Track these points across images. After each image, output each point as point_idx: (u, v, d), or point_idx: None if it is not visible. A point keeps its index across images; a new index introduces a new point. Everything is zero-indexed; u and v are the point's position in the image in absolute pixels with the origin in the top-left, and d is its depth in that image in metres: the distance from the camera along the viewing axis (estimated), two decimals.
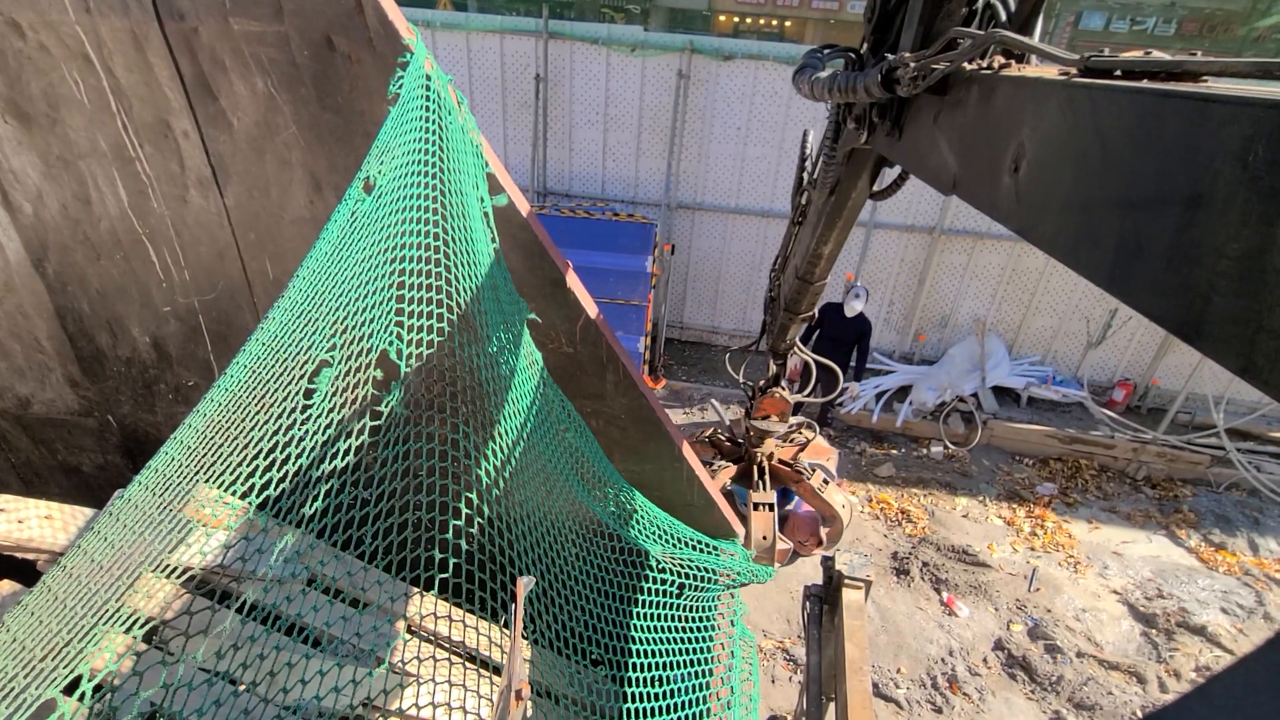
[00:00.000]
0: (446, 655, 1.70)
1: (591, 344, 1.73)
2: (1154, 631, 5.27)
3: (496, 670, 1.69)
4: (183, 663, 1.35)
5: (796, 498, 6.16)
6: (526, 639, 1.16)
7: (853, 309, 6.21)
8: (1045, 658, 4.99)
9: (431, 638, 1.72)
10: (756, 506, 2.43)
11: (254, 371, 0.92)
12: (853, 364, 6.57)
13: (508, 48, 7.56)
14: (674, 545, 1.71)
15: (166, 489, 1.08)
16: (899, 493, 6.77)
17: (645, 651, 1.38)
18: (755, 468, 3.48)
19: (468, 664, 1.71)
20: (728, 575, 1.79)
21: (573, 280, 1.72)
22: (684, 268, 8.44)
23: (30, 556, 1.61)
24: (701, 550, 1.77)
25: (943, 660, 5.01)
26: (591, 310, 1.75)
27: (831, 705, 2.72)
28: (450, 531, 1.14)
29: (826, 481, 3.79)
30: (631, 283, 7.42)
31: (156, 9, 1.65)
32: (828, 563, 3.04)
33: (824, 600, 3.17)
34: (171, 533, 1.18)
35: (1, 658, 1.11)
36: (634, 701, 1.28)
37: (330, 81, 1.61)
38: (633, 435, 1.85)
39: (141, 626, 0.95)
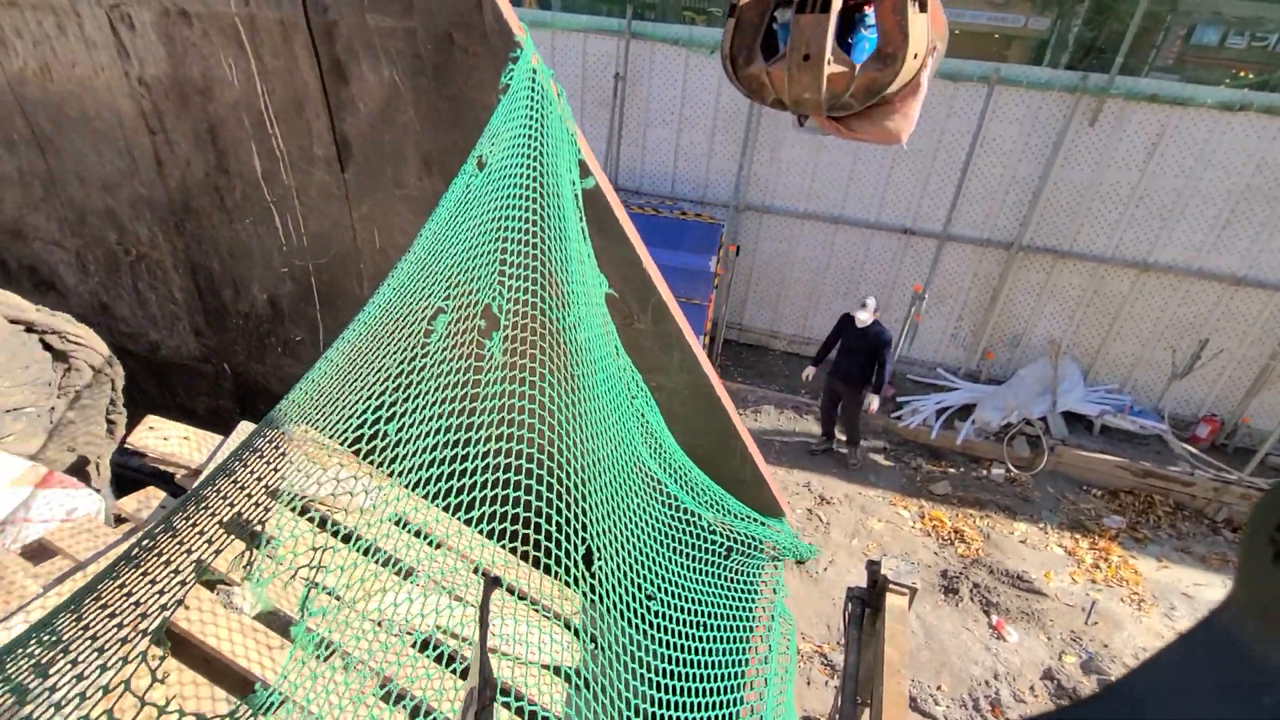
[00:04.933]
0: (513, 599, 1.87)
1: (660, 321, 1.87)
2: None
3: (556, 616, 1.85)
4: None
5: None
6: (589, 583, 1.30)
7: (860, 320, 6.04)
8: None
9: (498, 581, 1.90)
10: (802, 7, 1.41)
11: (386, 311, 1.10)
12: (874, 378, 6.25)
13: (590, 46, 7.80)
14: (724, 514, 1.82)
15: (297, 422, 1.28)
16: (954, 512, 6.62)
17: (692, 600, 1.50)
18: None
19: (530, 607, 1.88)
20: (773, 548, 1.88)
21: (647, 262, 1.86)
22: (748, 269, 8.47)
23: (171, 470, 1.88)
24: (749, 522, 1.88)
25: (986, 683, 4.91)
26: (663, 291, 1.88)
27: (867, 711, 2.74)
28: (533, 478, 1.30)
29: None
30: (694, 281, 7.53)
31: (305, 3, 1.89)
32: (873, 566, 3.06)
33: (866, 603, 3.19)
34: (294, 463, 1.38)
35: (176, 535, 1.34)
36: (679, 652, 1.40)
37: (447, 72, 1.81)
38: (692, 410, 1.98)
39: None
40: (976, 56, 6.85)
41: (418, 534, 1.92)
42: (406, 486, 1.11)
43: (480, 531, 1.21)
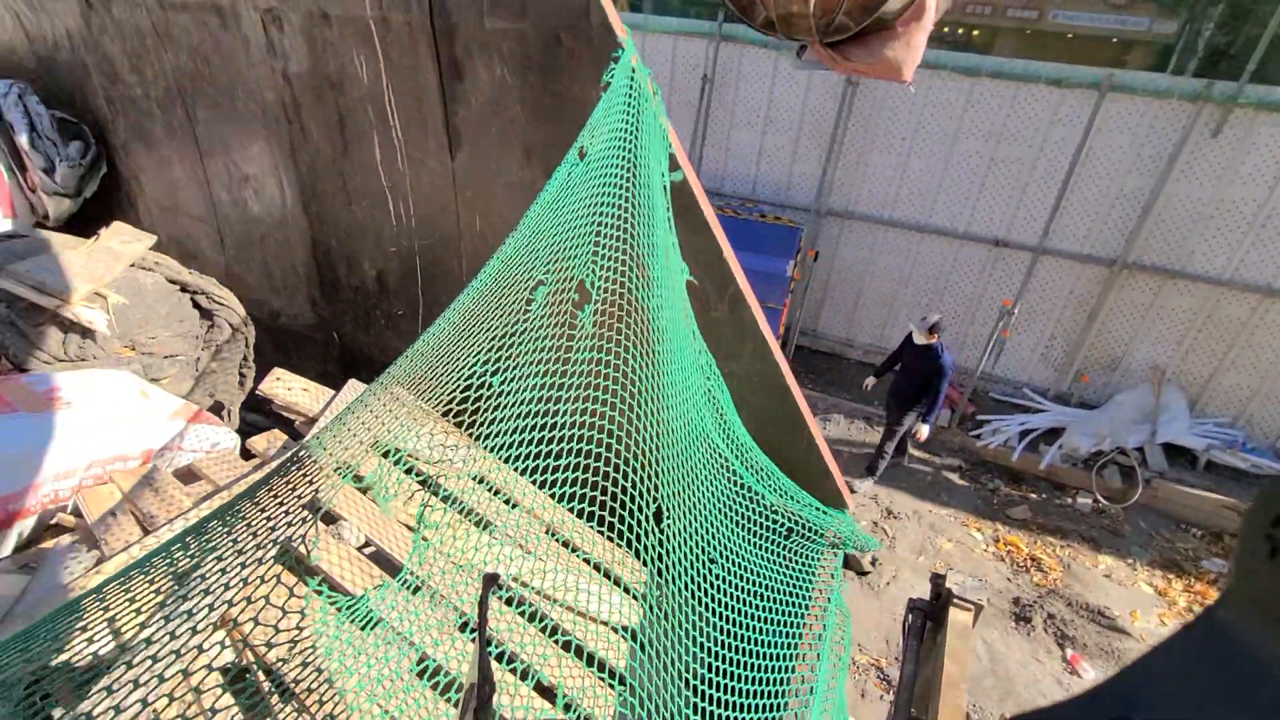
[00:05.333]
0: (578, 559, 2.01)
1: (736, 310, 1.95)
2: None
3: (617, 581, 1.97)
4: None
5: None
6: (657, 538, 1.40)
7: (919, 338, 5.65)
8: None
9: (566, 543, 2.05)
10: None
11: (496, 280, 1.25)
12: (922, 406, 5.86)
13: (680, 49, 7.92)
14: (785, 498, 1.88)
15: (402, 384, 1.46)
16: (1031, 538, 6.31)
17: (750, 570, 1.57)
18: None
19: (593, 571, 2.01)
20: (834, 536, 1.92)
21: (728, 253, 1.95)
22: (825, 275, 8.36)
23: (292, 417, 2.14)
24: (810, 509, 1.92)
25: None
26: (741, 281, 1.97)
27: None
28: (612, 437, 1.42)
29: None
30: (770, 285, 7.51)
31: (431, 6, 2.10)
32: (938, 579, 3.00)
33: (928, 616, 3.12)
34: (397, 420, 1.57)
35: (302, 470, 1.55)
36: (736, 615, 1.48)
37: (553, 70, 1.97)
38: (762, 398, 2.05)
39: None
40: (1088, 62, 6.49)
41: (495, 492, 2.09)
42: (501, 436, 1.25)
43: (562, 485, 1.34)
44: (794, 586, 1.71)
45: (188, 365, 2.26)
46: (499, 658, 1.70)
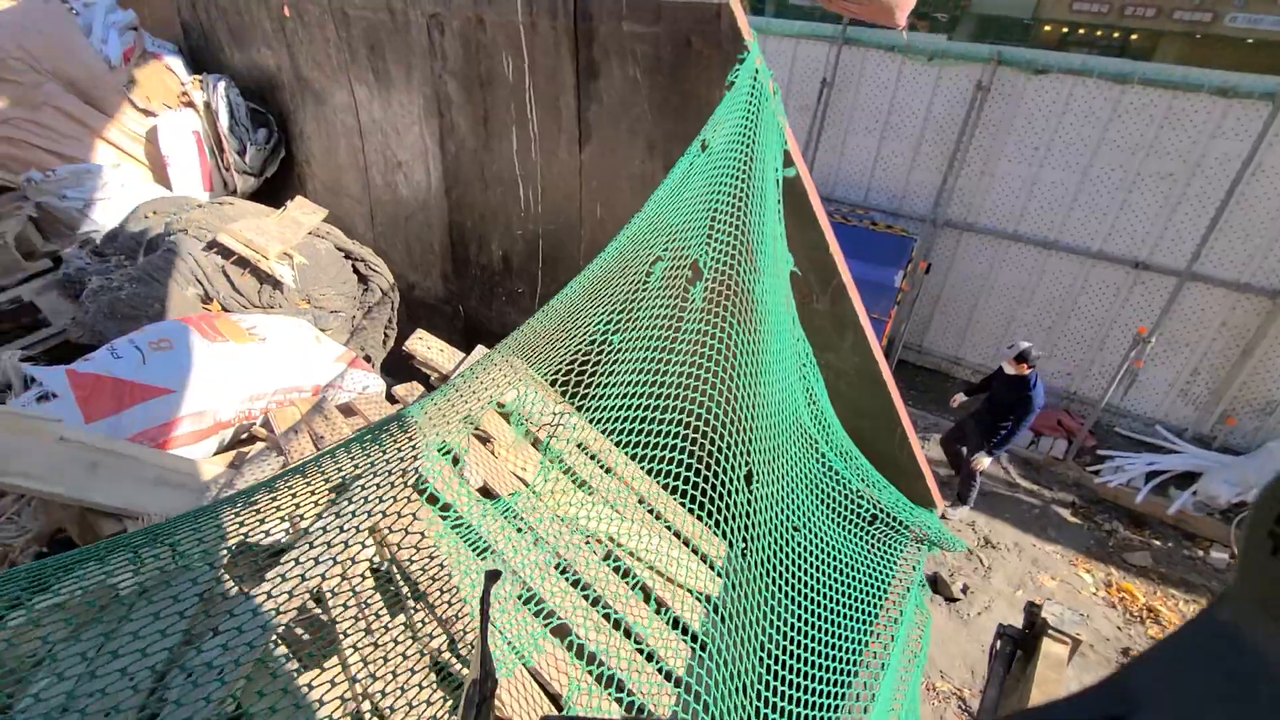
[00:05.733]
0: (664, 528, 2.17)
1: (839, 303, 2.02)
2: None
3: (696, 550, 2.11)
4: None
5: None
6: (746, 499, 1.52)
7: (1008, 368, 5.17)
8: None
9: (653, 511, 2.20)
10: None
11: (621, 253, 1.42)
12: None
13: (800, 52, 7.89)
14: (874, 487, 1.92)
15: (518, 352, 1.67)
16: (1150, 588, 5.78)
17: (831, 547, 1.65)
18: None
19: (677, 540, 2.16)
20: (919, 532, 1.93)
21: (834, 248, 2.03)
22: (937, 289, 8.02)
23: (428, 372, 2.45)
24: (897, 503, 1.95)
25: None
26: (844, 275, 2.04)
27: None
28: (712, 401, 1.55)
29: None
30: (876, 295, 7.32)
31: (576, 13, 2.33)
32: (1033, 607, 2.87)
33: (1018, 644, 2.99)
34: (510, 382, 1.79)
35: (431, 417, 1.81)
36: (816, 582, 1.57)
37: (681, 70, 2.13)
38: (858, 391, 2.10)
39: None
40: (1266, 70, 5.84)
41: (593, 457, 2.28)
42: (612, 388, 1.42)
43: (663, 437, 1.49)
44: (873, 569, 1.76)
45: (346, 321, 2.63)
46: (593, 602, 1.88)
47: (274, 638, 1.36)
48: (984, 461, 5.56)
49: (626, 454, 1.89)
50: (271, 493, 1.62)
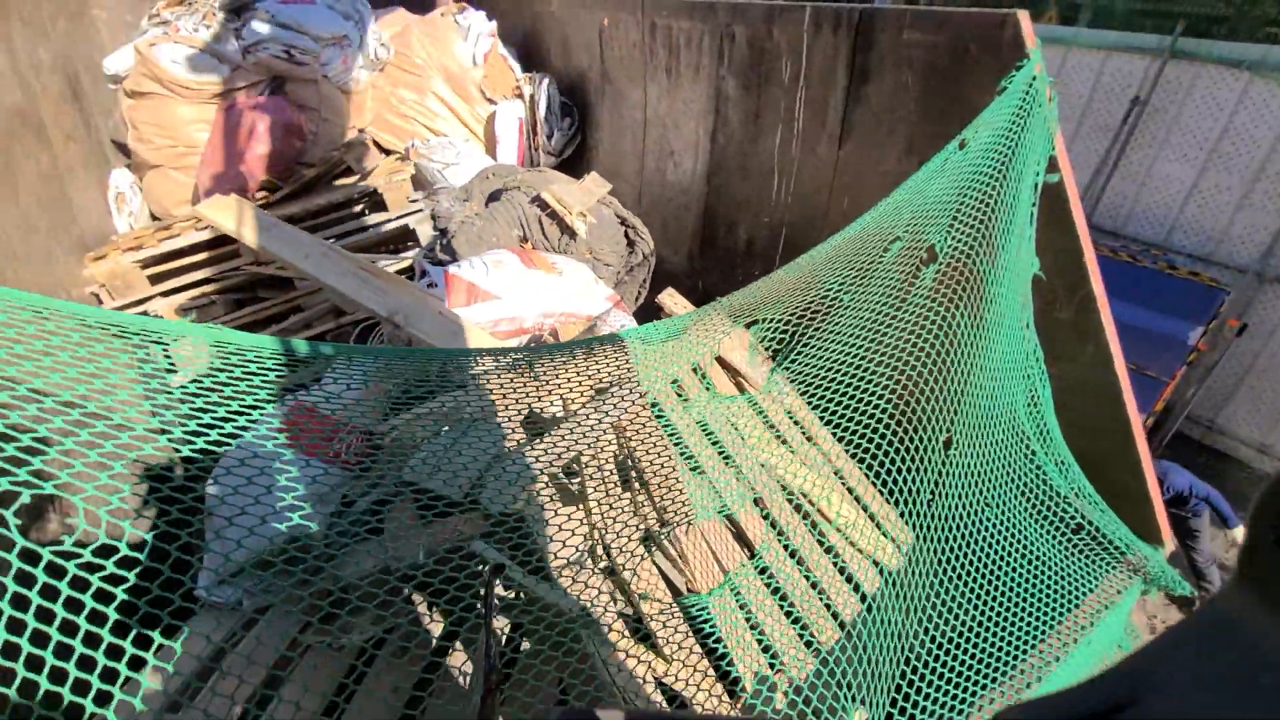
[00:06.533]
0: (852, 497, 2.34)
1: (1085, 313, 1.99)
2: None
3: (878, 524, 2.24)
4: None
5: None
6: (942, 461, 1.63)
7: None
8: None
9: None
10: None
11: (864, 229, 1.66)
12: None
13: (1108, 66, 7.00)
14: (1090, 504, 1.85)
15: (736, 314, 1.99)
16: None
17: (1022, 539, 1.68)
18: None
19: (861, 509, 2.31)
20: (1136, 560, 1.80)
21: (1088, 257, 2.00)
22: (1250, 357, 6.59)
23: None
24: (1116, 526, 1.85)
25: None
26: (1096, 286, 2.00)
27: None
28: (925, 369, 1.71)
29: None
30: (1159, 350, 6.27)
31: (857, 27, 2.56)
32: None
33: None
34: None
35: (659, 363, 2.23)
36: (998, 563, 1.63)
37: (954, 75, 2.25)
38: (1091, 408, 2.04)
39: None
40: None
41: (796, 423, 2.53)
42: (832, 343, 1.67)
43: (871, 389, 1.69)
44: (1065, 573, 1.73)
45: (613, 274, 3.21)
46: (793, 555, 2.14)
47: (545, 478, 1.87)
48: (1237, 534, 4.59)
49: (833, 398, 2.08)
50: (557, 378, 2.17)
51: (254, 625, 1.93)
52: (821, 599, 1.92)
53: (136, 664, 0.94)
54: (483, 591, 1.50)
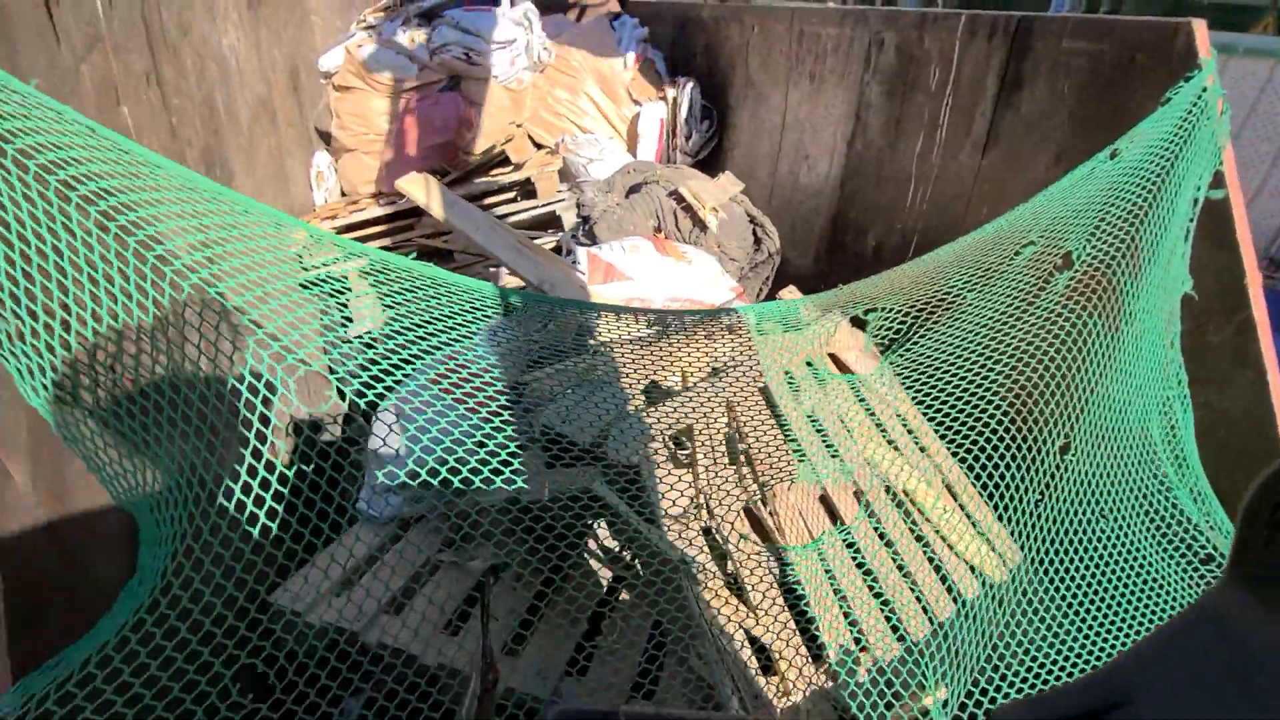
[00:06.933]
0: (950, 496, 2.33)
1: (1241, 338, 1.87)
2: None
3: (975, 523, 2.22)
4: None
5: None
6: (1053, 465, 1.62)
7: None
8: None
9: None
10: None
11: (998, 230, 1.69)
12: None
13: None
14: (1228, 541, 1.74)
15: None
16: None
17: (1137, 560, 1.62)
18: None
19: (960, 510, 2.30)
20: None
21: (1251, 279, 1.88)
22: None
23: None
24: None
25: None
26: (1259, 313, 1.87)
27: None
28: (1048, 372, 1.71)
29: None
30: None
31: (1016, 30, 2.53)
32: None
33: None
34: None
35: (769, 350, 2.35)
36: (1097, 579, 1.59)
37: (1116, 85, 2.18)
38: (1238, 442, 1.90)
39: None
40: None
41: (905, 426, 2.55)
42: (953, 339, 1.72)
43: (987, 387, 1.72)
44: (1184, 603, 1.65)
45: (738, 269, 3.36)
46: (883, 539, 2.20)
47: (661, 441, 2.07)
48: None
49: (944, 390, 2.10)
50: (679, 352, 2.37)
51: (399, 540, 2.30)
52: (913, 590, 1.97)
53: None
54: (481, 594, 1.70)
